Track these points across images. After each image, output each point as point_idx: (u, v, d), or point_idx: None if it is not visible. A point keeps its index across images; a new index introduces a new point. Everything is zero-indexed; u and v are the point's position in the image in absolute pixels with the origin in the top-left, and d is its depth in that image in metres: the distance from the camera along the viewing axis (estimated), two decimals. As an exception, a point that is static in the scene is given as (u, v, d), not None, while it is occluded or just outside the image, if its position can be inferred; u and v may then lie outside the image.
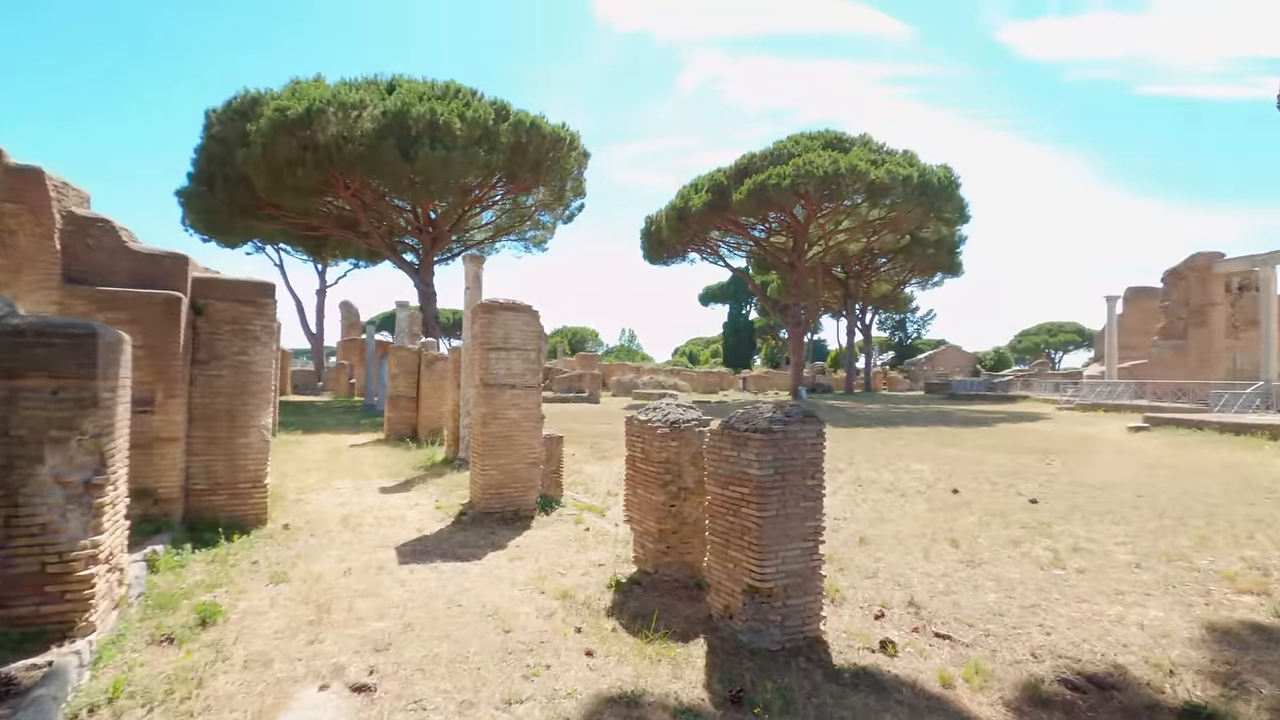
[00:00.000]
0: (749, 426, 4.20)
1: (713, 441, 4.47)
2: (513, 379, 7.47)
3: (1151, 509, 7.57)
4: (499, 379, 7.40)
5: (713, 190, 30.97)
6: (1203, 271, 24.68)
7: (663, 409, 5.43)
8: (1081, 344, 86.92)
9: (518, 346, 7.55)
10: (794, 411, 4.30)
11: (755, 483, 4.06)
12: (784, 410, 4.30)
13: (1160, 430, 16.97)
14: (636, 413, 5.55)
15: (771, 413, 4.27)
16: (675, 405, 5.52)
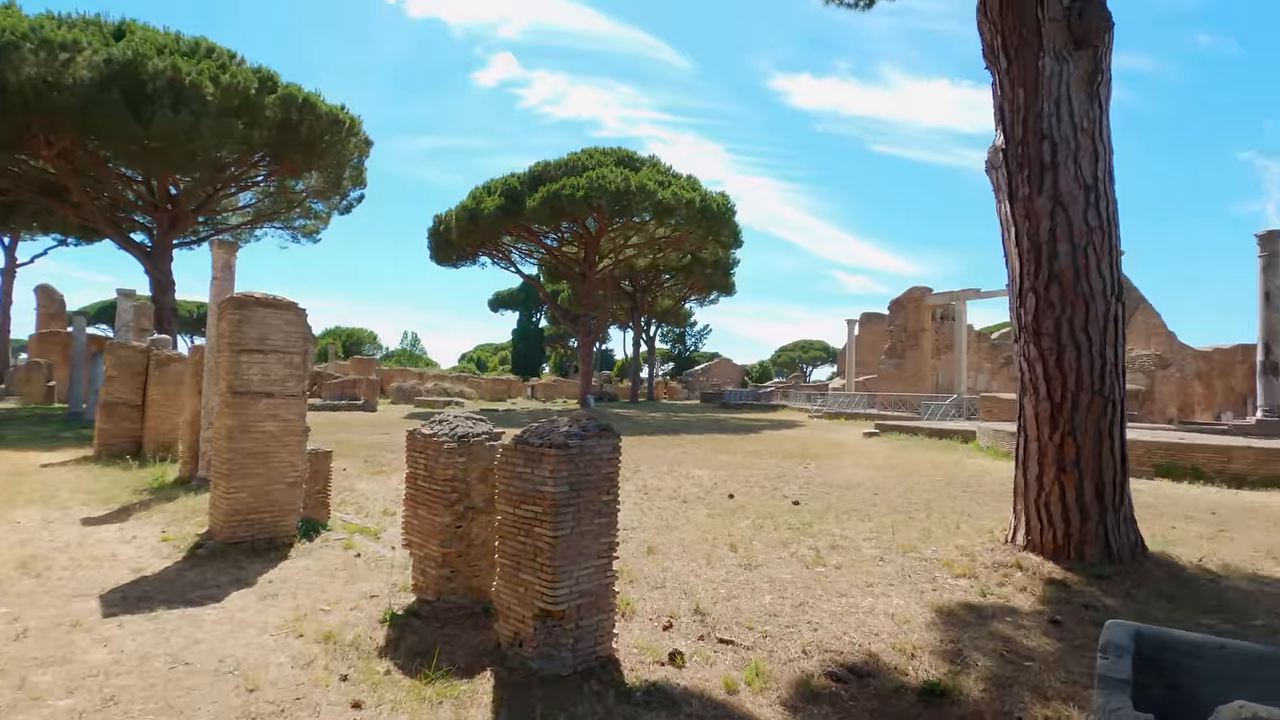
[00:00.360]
0: (544, 441, 4.00)
1: (505, 457, 4.20)
2: (270, 386, 6.47)
3: (887, 506, 8.75)
4: (253, 386, 6.36)
5: (506, 195, 30.42)
6: (917, 302, 29.77)
7: (450, 421, 5.02)
8: (827, 360, 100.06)
9: (278, 349, 6.56)
10: (590, 425, 4.18)
11: (550, 500, 3.86)
12: (580, 424, 4.16)
13: (887, 435, 19.98)
14: (420, 426, 5.07)
15: (568, 427, 4.12)
16: (464, 417, 5.15)
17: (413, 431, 5.07)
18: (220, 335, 6.70)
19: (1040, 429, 5.04)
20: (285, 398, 6.57)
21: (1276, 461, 11.02)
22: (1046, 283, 4.96)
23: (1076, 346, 4.87)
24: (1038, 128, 4.95)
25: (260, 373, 6.40)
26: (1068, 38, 4.86)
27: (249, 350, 6.39)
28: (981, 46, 5.40)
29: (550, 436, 4.02)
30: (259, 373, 6.40)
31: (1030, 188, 4.99)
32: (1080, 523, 4.93)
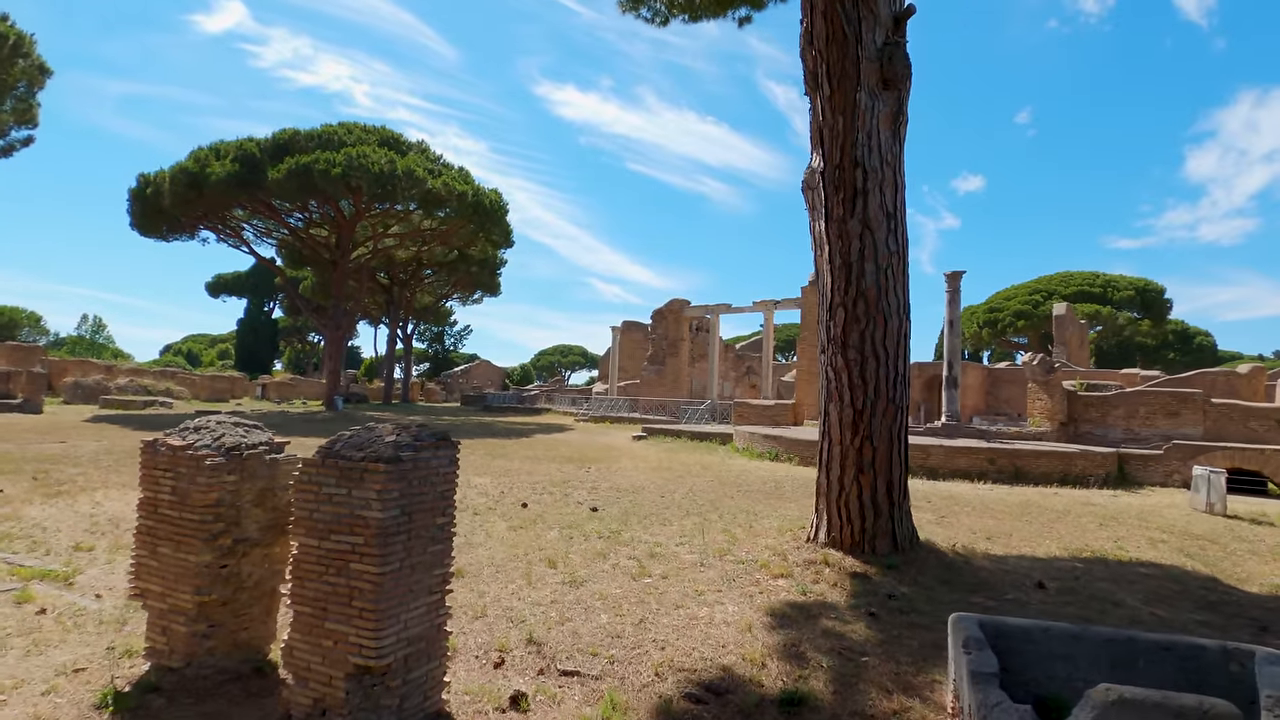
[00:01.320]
0: (366, 455, 3.20)
1: (308, 476, 3.29)
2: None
3: (678, 509, 8.95)
4: None
5: (243, 161, 26.04)
6: (677, 313, 31.90)
7: (211, 429, 3.87)
8: (585, 364, 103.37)
9: None
10: (424, 434, 3.47)
11: (375, 528, 3.09)
12: (411, 433, 3.43)
13: (654, 439, 20.93)
14: (165, 435, 3.82)
15: (395, 436, 3.37)
16: (230, 423, 4.01)
17: (152, 442, 3.81)
18: None
19: (844, 433, 5.48)
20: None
21: (960, 457, 13.62)
22: (854, 299, 5.42)
23: (876, 358, 5.40)
24: (853, 155, 5.39)
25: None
26: (878, 78, 5.38)
27: None
28: (804, 73, 5.76)
29: (374, 449, 3.23)
30: None
31: (844, 210, 5.42)
32: (874, 519, 5.46)
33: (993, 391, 31.45)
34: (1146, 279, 46.48)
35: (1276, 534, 9.07)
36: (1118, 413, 15.41)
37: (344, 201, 30.56)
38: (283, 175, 25.46)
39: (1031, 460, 13.33)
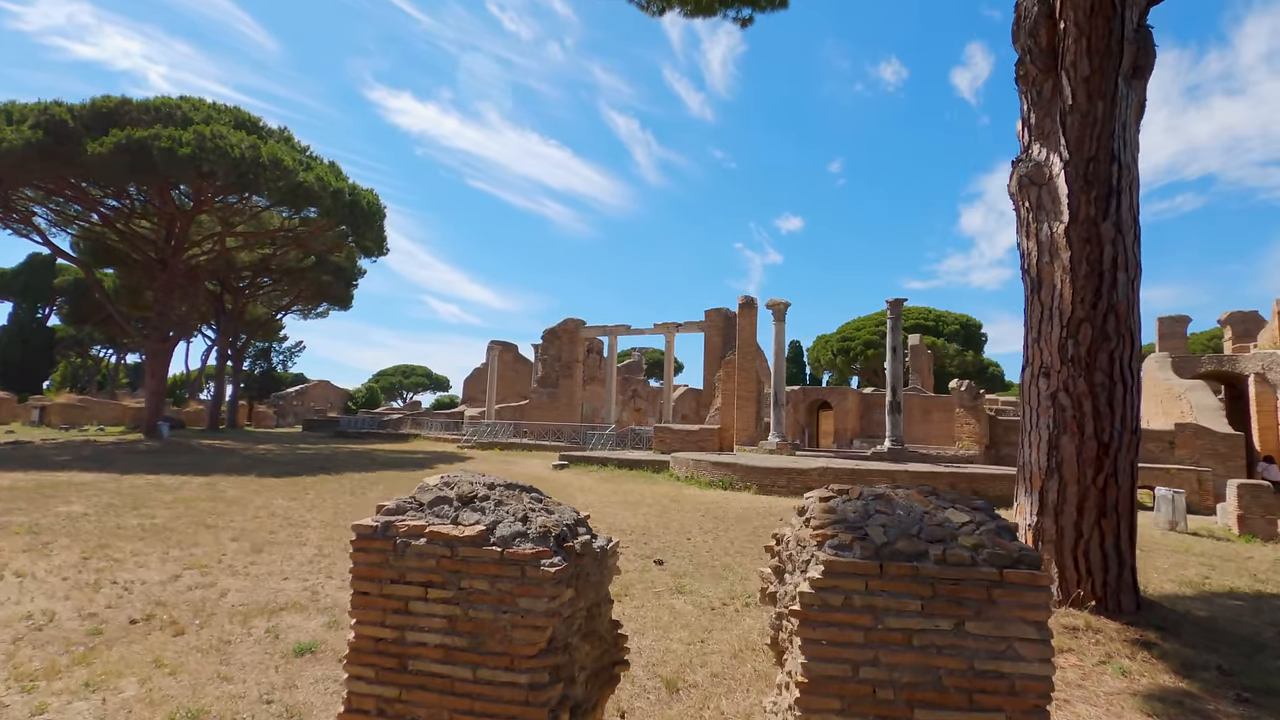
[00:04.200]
0: (978, 557, 1.79)
1: (844, 595, 1.80)
2: None
3: (738, 553, 7.78)
4: None
5: (48, 129, 20.81)
6: (572, 333, 30.39)
7: (486, 496, 2.17)
8: (430, 386, 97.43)
9: None
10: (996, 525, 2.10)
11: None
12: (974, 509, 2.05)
13: (579, 468, 19.30)
14: (407, 516, 2.08)
15: (968, 516, 1.97)
16: (484, 481, 2.32)
17: (382, 528, 2.04)
18: None
19: (1083, 471, 4.70)
20: None
21: (925, 481, 13.68)
22: (1105, 313, 4.70)
23: (1124, 383, 4.70)
24: (1109, 147, 4.70)
25: None
26: (1131, 64, 4.78)
27: None
28: (1028, 53, 5.00)
29: (950, 543, 1.83)
30: None
31: (1095, 210, 4.70)
32: (1118, 570, 4.70)
33: (866, 415, 33.42)
34: (968, 315, 52.73)
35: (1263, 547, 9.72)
36: (1034, 436, 16.56)
37: (179, 189, 25.74)
38: (108, 151, 20.68)
39: (987, 483, 13.72)
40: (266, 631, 4.73)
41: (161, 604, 5.37)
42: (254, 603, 5.46)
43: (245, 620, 5.00)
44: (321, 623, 4.91)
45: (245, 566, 6.66)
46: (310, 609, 5.28)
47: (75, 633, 4.70)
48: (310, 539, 8.13)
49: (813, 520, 2.05)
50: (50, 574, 6.16)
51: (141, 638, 4.64)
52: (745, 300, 20.02)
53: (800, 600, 1.84)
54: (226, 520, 9.21)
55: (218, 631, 4.76)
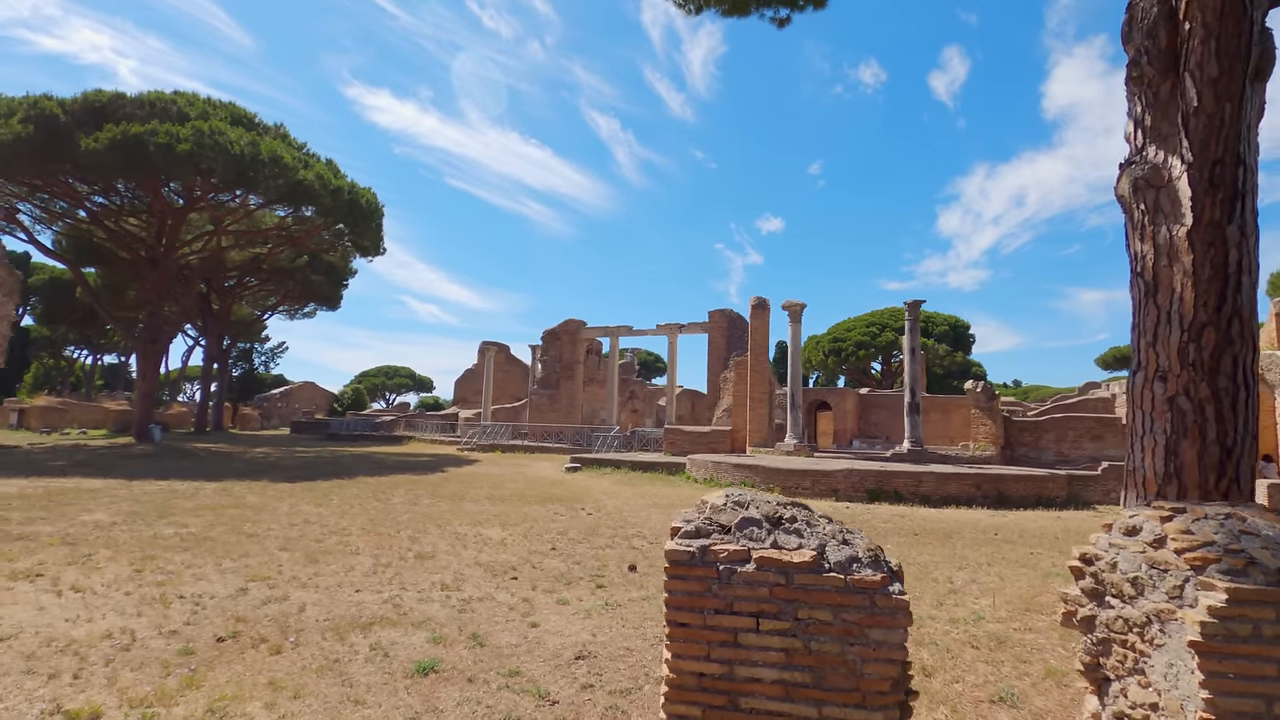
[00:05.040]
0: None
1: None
2: None
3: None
4: None
5: (39, 124, 20.11)
6: (573, 334, 30.14)
7: (796, 520, 2.03)
8: (413, 386, 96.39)
9: None
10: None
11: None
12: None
13: (591, 470, 19.12)
14: (720, 540, 1.93)
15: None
16: (774, 501, 2.19)
17: (699, 552, 1.90)
18: None
19: (1205, 475, 4.67)
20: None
21: (951, 483, 13.73)
22: (1229, 317, 4.68)
23: (1246, 388, 4.70)
24: (1235, 149, 4.69)
25: None
26: (1254, 65, 4.78)
27: None
28: (1142, 53, 4.99)
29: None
30: None
31: (1220, 212, 4.68)
32: (1239, 575, 4.68)
33: (864, 416, 33.61)
34: (957, 316, 53.36)
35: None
36: (1049, 436, 16.72)
37: (172, 186, 25.11)
38: (103, 147, 20.06)
39: (1011, 484, 13.79)
40: (371, 649, 4.52)
41: (242, 620, 5.13)
42: (338, 617, 5.23)
43: (340, 636, 4.79)
44: (424, 638, 4.71)
45: (309, 578, 6.41)
46: (402, 624, 5.07)
47: (165, 652, 4.45)
48: (360, 548, 7.88)
49: (1173, 542, 1.93)
50: (109, 588, 5.87)
51: (238, 657, 4.41)
52: (758, 301, 19.98)
53: (1202, 631, 1.73)
54: (264, 529, 8.91)
55: (317, 649, 4.54)
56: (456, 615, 5.29)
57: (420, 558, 7.43)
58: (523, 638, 4.73)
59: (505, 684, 3.89)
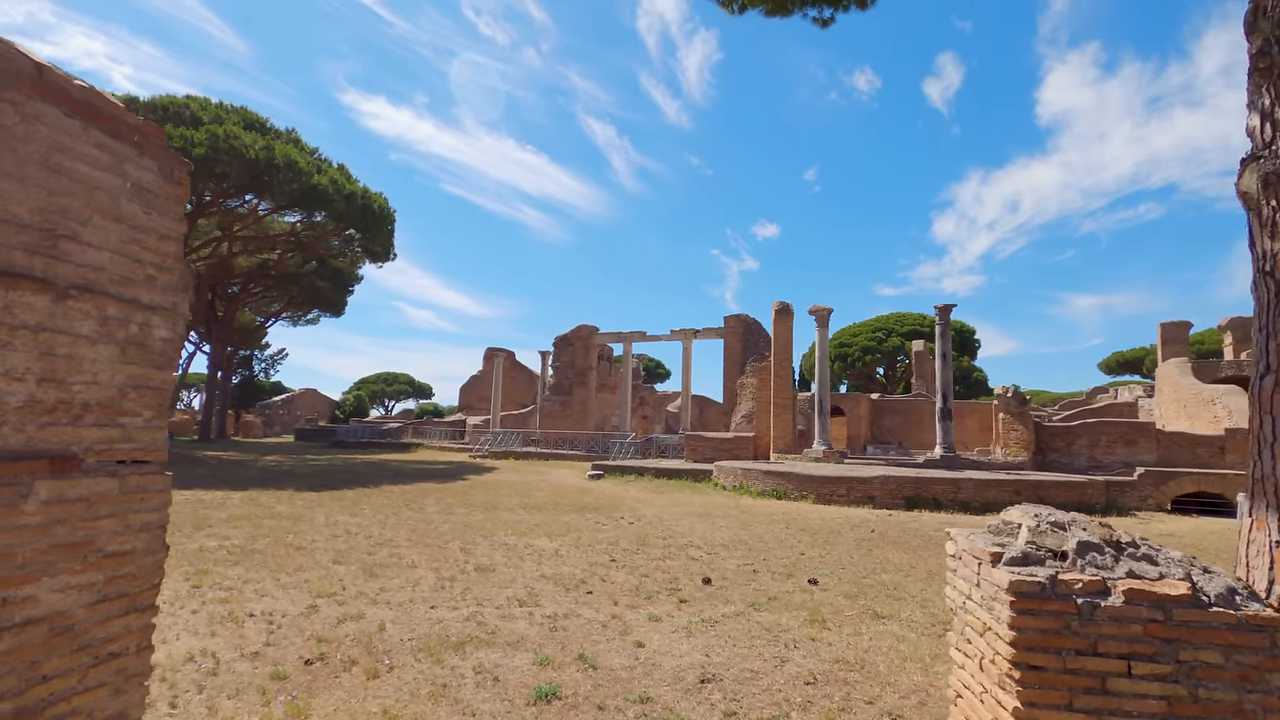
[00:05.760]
0: None
1: None
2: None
3: (881, 569, 7.46)
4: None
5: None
6: (585, 340, 29.89)
7: (1134, 540, 1.77)
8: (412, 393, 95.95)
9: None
10: None
11: None
12: None
13: (614, 478, 18.83)
14: (1077, 568, 1.67)
15: None
16: (1095, 524, 1.93)
17: (1048, 583, 1.63)
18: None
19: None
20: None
21: (991, 489, 13.51)
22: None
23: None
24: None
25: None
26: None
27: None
28: (1270, 48, 4.80)
29: None
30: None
31: (1365, 208, 4.49)
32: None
33: (876, 421, 33.39)
34: (962, 321, 53.24)
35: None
36: (1082, 441, 16.52)
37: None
38: (116, 149, 19.74)
39: (1051, 490, 13.58)
40: (476, 671, 4.24)
41: (324, 640, 4.84)
42: (423, 636, 4.95)
43: (435, 657, 4.51)
44: (529, 660, 4.43)
45: (375, 594, 6.13)
46: (496, 643, 4.79)
47: (256, 676, 4.17)
48: (415, 560, 7.59)
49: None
50: (172, 605, 5.57)
51: (334, 681, 4.13)
52: (781, 306, 19.77)
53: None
54: (308, 540, 8.61)
55: (416, 672, 4.26)
56: (549, 634, 5.02)
57: (481, 571, 7.14)
58: (634, 659, 4.46)
59: (642, 712, 3.62)
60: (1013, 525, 1.92)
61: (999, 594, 1.69)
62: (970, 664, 1.96)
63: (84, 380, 1.60)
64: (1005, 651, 1.64)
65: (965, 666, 2.03)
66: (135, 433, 1.76)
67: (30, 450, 1.49)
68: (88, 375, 1.61)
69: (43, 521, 1.50)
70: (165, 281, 1.80)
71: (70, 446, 1.57)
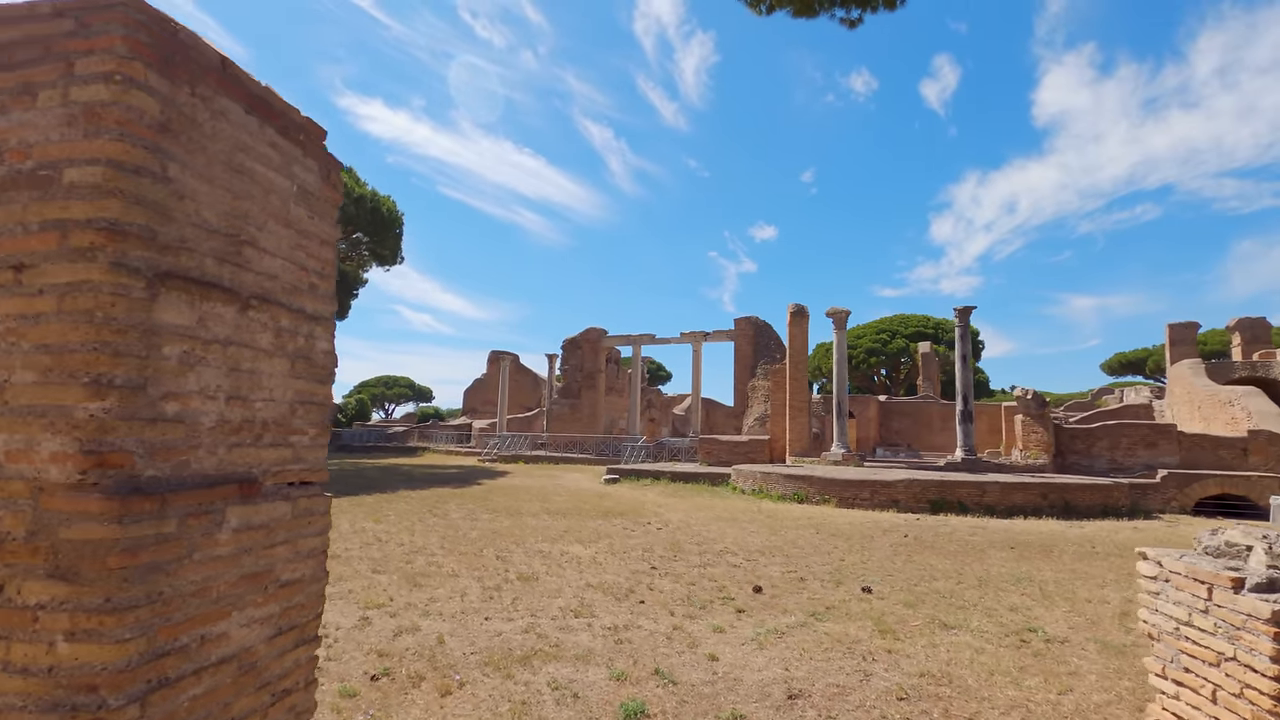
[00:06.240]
0: None
1: None
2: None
3: (928, 576, 7.35)
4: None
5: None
6: (594, 343, 29.77)
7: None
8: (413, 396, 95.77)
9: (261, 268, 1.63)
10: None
11: None
12: None
13: (630, 482, 18.71)
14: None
15: None
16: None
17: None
18: None
19: None
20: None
21: (1016, 492, 13.42)
22: None
23: None
24: None
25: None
26: None
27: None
28: None
29: None
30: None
31: None
32: None
33: (885, 424, 33.29)
34: (966, 323, 53.24)
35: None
36: (1102, 444, 16.44)
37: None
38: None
39: (1077, 493, 13.49)
40: (551, 687, 4.12)
41: (384, 654, 4.72)
42: (485, 649, 4.83)
43: (504, 672, 4.39)
44: (604, 675, 4.32)
45: (424, 605, 6.00)
46: (563, 657, 4.67)
47: (326, 694, 4.04)
48: (455, 569, 7.47)
49: None
50: (221, 619, 5.43)
51: (405, 698, 4.01)
52: (796, 308, 19.69)
53: None
54: (341, 548, 8.48)
55: (489, 688, 4.14)
56: (614, 646, 4.90)
57: (524, 580, 7.02)
58: (711, 673, 4.34)
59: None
60: (1237, 547, 1.82)
61: (1248, 623, 1.59)
62: (1192, 695, 1.86)
63: (263, 397, 1.48)
64: (1268, 687, 1.54)
65: (1181, 697, 1.94)
66: (303, 452, 1.64)
67: (222, 474, 1.37)
68: (266, 391, 1.49)
69: (233, 551, 1.38)
70: (325, 290, 1.69)
71: (252, 469, 1.46)
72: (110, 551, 1.11)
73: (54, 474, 1.12)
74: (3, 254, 1.18)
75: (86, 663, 1.09)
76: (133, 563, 1.13)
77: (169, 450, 1.24)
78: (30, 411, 1.13)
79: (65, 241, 1.16)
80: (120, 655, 1.10)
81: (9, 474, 1.14)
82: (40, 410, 1.13)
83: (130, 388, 1.15)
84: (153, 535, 1.18)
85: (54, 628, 1.10)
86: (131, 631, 1.12)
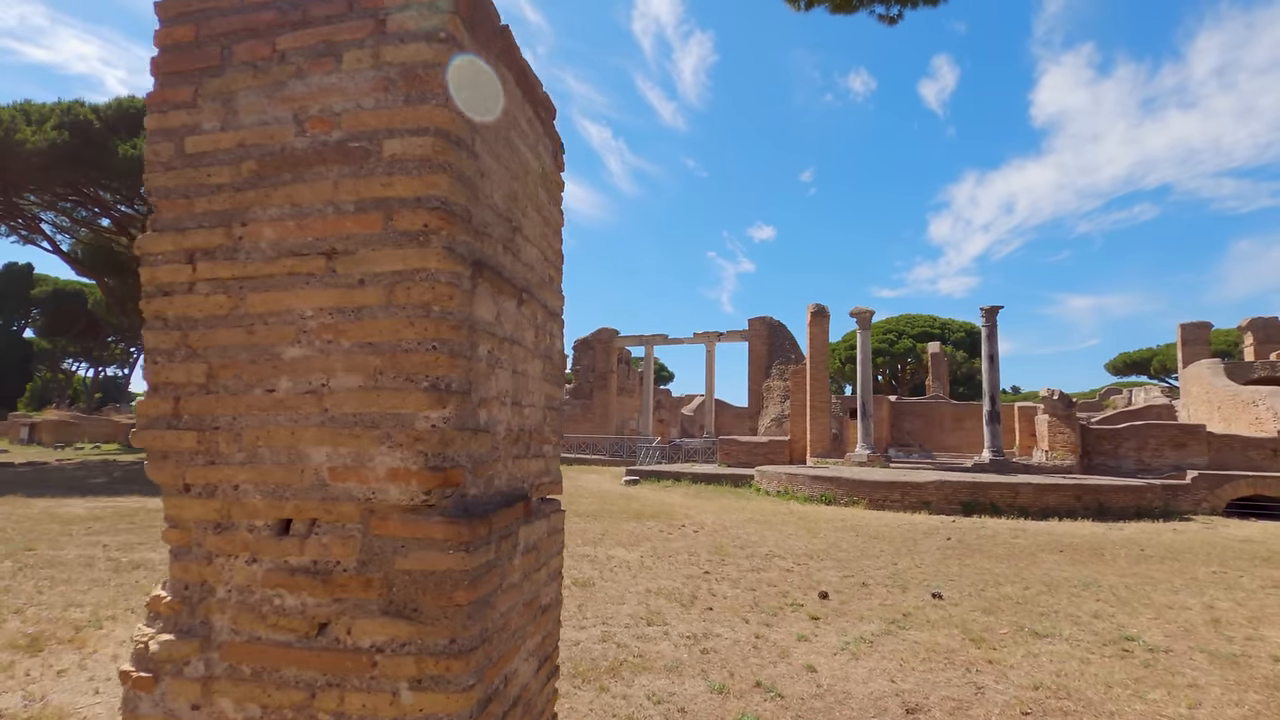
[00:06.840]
0: None
1: None
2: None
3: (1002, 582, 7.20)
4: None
5: (74, 130, 19.47)
6: (606, 343, 29.61)
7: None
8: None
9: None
10: None
11: None
12: None
13: (650, 483, 18.54)
14: None
15: None
16: None
17: None
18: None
19: None
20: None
21: (1050, 494, 13.28)
22: None
23: None
24: None
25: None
26: None
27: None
28: None
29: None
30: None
31: None
32: None
33: (896, 424, 33.18)
34: (971, 323, 53.18)
35: None
36: (1129, 444, 16.32)
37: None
38: (142, 154, 19.40)
39: (1111, 495, 13.36)
40: (653, 701, 3.96)
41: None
42: (567, 659, 4.66)
43: (597, 685, 4.22)
44: (703, 688, 4.15)
45: (489, 612, 5.82)
46: (652, 668, 4.50)
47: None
48: (506, 574, 7.29)
49: None
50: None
51: (504, 714, 3.82)
52: (817, 308, 19.54)
53: None
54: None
55: (585, 700, 3.97)
56: (701, 656, 4.74)
57: (581, 585, 6.86)
58: (815, 685, 4.18)
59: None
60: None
61: None
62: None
63: (530, 402, 1.32)
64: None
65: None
66: (550, 463, 1.48)
67: (513, 491, 1.21)
68: (532, 396, 1.33)
69: (519, 578, 1.22)
70: (559, 284, 1.52)
71: (523, 484, 1.30)
72: (457, 585, 0.95)
73: (393, 494, 0.96)
74: (309, 238, 1.02)
75: (433, 714, 0.93)
76: (475, 597, 0.97)
77: (481, 465, 1.08)
78: (359, 421, 0.97)
79: (390, 224, 1.00)
80: (465, 706, 0.94)
81: (336, 494, 0.98)
82: (371, 420, 0.97)
83: (463, 393, 0.99)
84: (485, 564, 1.01)
85: (397, 674, 0.94)
86: (474, 677, 0.96)
